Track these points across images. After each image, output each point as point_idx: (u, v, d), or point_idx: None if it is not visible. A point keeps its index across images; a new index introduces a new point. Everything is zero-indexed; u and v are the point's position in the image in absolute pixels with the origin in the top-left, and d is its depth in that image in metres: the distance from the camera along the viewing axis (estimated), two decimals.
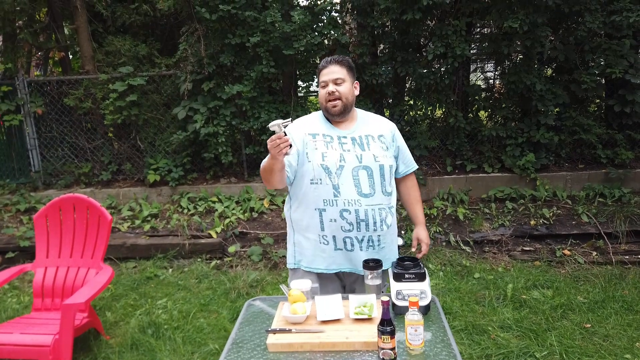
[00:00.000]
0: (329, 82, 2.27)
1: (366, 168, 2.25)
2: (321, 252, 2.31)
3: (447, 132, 6.17)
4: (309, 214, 2.29)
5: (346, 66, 2.30)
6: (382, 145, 2.33)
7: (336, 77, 2.27)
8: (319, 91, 2.34)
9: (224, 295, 4.30)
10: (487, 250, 5.02)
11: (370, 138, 2.32)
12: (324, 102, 2.30)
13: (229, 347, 1.92)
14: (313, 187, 2.25)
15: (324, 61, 2.32)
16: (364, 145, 2.29)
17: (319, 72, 2.34)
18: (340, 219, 2.23)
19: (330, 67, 2.28)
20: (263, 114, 5.78)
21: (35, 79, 6.62)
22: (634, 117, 5.82)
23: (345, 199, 2.22)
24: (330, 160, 2.23)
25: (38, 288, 3.51)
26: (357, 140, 2.30)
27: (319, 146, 2.26)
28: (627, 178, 5.67)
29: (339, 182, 2.22)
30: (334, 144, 2.27)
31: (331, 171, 2.22)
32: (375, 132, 2.35)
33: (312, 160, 2.24)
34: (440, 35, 5.60)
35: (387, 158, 2.32)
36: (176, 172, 6.05)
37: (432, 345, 1.86)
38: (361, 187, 2.23)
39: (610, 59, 5.56)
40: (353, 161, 2.24)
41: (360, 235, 2.26)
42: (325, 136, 2.29)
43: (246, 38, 5.63)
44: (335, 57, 2.32)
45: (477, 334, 3.48)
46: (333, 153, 2.24)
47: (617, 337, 3.38)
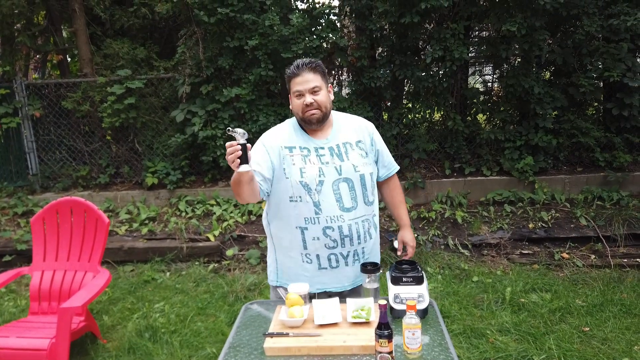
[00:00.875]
0: (305, 92, 2.13)
1: (347, 180, 2.17)
2: (304, 271, 2.24)
3: (446, 135, 6.17)
4: (290, 232, 2.21)
5: (320, 72, 2.16)
6: (361, 152, 2.24)
7: (312, 86, 2.12)
8: (293, 101, 2.18)
9: (221, 299, 4.28)
10: (486, 253, 5.01)
11: (348, 146, 2.23)
12: (301, 113, 2.16)
13: (226, 350, 1.91)
14: (293, 205, 2.16)
15: (295, 67, 2.14)
16: (343, 155, 2.19)
17: (289, 79, 2.16)
18: (324, 237, 2.17)
19: (304, 75, 2.12)
20: (261, 117, 5.78)
21: (33, 82, 6.62)
22: (632, 121, 5.83)
23: (328, 216, 2.14)
24: (309, 176, 2.13)
25: (35, 291, 3.49)
26: (334, 150, 2.20)
27: (296, 161, 2.15)
28: (625, 181, 5.67)
29: (320, 198, 2.14)
30: (311, 157, 2.17)
31: (311, 188, 2.13)
32: (353, 139, 2.26)
33: (290, 177, 2.15)
34: (439, 38, 5.61)
35: (367, 166, 2.24)
36: (174, 175, 6.04)
37: (430, 349, 1.85)
38: (343, 202, 2.16)
39: (608, 62, 5.57)
40: (332, 174, 2.16)
41: (345, 250, 2.21)
42: (302, 149, 2.18)
43: (244, 41, 5.63)
44: (307, 61, 2.15)
45: (475, 337, 3.47)
46: (311, 168, 2.15)
47: (615, 341, 3.37)
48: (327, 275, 2.25)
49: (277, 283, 2.34)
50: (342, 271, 2.25)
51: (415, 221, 5.46)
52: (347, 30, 6.64)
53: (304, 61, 2.14)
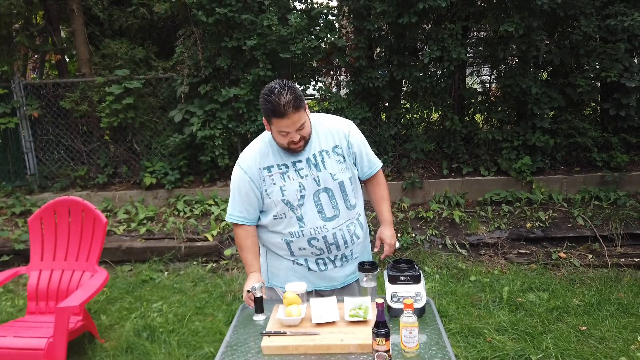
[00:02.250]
0: (292, 132, 2.02)
1: (326, 190, 2.16)
2: (294, 272, 2.27)
3: (443, 135, 6.18)
4: (277, 242, 2.25)
5: (303, 106, 2.00)
6: (338, 159, 2.19)
7: (299, 125, 2.01)
8: (275, 135, 2.07)
9: (219, 299, 4.29)
10: (483, 253, 5.02)
11: (325, 154, 2.17)
12: (285, 146, 2.08)
13: (224, 349, 1.92)
14: (277, 222, 2.19)
15: (279, 107, 1.94)
16: (319, 165, 2.15)
17: (271, 116, 1.99)
18: (309, 247, 2.20)
19: (292, 117, 1.96)
20: (260, 117, 5.78)
21: (31, 82, 6.61)
22: (629, 121, 5.85)
23: (311, 228, 2.16)
24: (289, 193, 2.13)
25: (32, 291, 3.49)
26: (311, 160, 2.16)
27: (276, 180, 2.13)
28: (622, 181, 5.68)
29: (302, 212, 2.15)
30: (290, 174, 2.14)
31: (293, 205, 2.14)
32: (329, 145, 2.19)
33: (272, 197, 2.14)
34: (437, 38, 5.62)
35: (346, 171, 2.20)
36: (172, 175, 6.04)
37: (427, 347, 1.86)
38: (325, 212, 2.17)
39: (605, 62, 5.59)
40: (312, 186, 2.15)
41: (332, 255, 2.24)
42: (279, 166, 2.14)
43: (243, 41, 5.63)
44: (290, 100, 1.95)
45: (473, 336, 3.47)
46: (291, 184, 2.13)
47: (612, 340, 3.38)
48: (316, 277, 2.28)
49: (268, 284, 2.36)
50: (330, 273, 2.28)
51: (413, 221, 5.47)
52: (345, 30, 6.65)
53: (287, 100, 1.94)
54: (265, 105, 2.00)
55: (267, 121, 2.07)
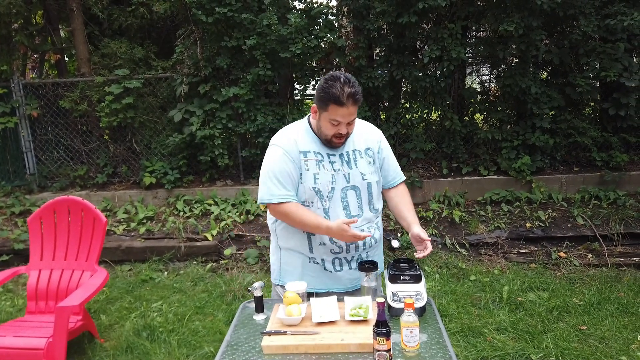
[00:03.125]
0: (343, 124, 2.07)
1: (354, 188, 2.19)
2: (308, 271, 2.26)
3: (443, 135, 6.18)
4: (297, 235, 2.23)
5: (360, 103, 2.07)
6: (369, 160, 2.24)
7: (351, 119, 2.08)
8: (325, 123, 2.09)
9: (219, 298, 4.28)
10: (483, 252, 5.02)
11: (357, 153, 2.23)
12: (330, 136, 2.12)
13: (224, 349, 1.91)
14: None
15: (340, 93, 1.98)
16: (352, 163, 2.20)
17: (328, 102, 2.02)
18: (330, 243, 2.19)
19: (349, 108, 2.02)
20: (259, 117, 5.78)
21: (30, 82, 6.61)
22: (629, 120, 5.85)
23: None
24: (322, 182, 2.14)
25: (32, 291, 3.49)
26: (344, 157, 2.20)
27: (310, 166, 2.15)
28: (622, 181, 5.69)
29: (330, 205, 2.15)
30: (324, 164, 2.16)
31: (323, 194, 2.15)
32: (362, 146, 2.25)
33: (304, 182, 2.15)
34: (436, 38, 5.62)
35: (374, 174, 2.25)
36: (172, 175, 6.04)
37: (428, 347, 1.86)
38: (350, 210, 2.18)
39: (605, 62, 5.59)
40: (342, 182, 2.17)
41: (349, 256, 2.23)
42: (316, 154, 2.17)
43: (242, 41, 5.63)
44: (353, 92, 2.00)
45: (473, 336, 3.48)
46: (325, 175, 2.15)
47: (612, 339, 3.39)
48: (330, 277, 2.26)
49: (279, 282, 2.35)
50: (345, 274, 2.26)
51: None
52: (345, 30, 6.64)
53: (351, 92, 1.99)
54: (326, 90, 2.01)
55: (320, 107, 2.08)
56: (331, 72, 2.09)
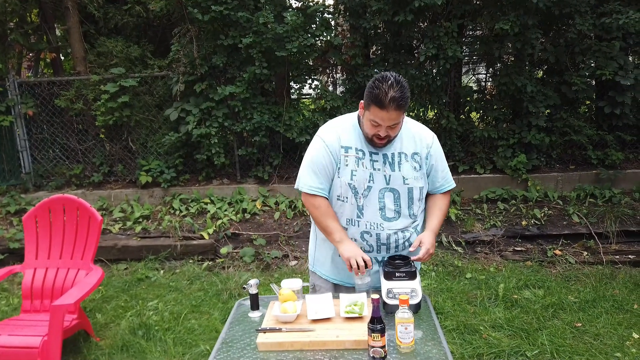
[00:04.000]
0: (383, 126, 2.02)
1: (393, 190, 2.15)
2: (340, 263, 2.25)
3: (439, 133, 6.18)
4: None
5: (404, 108, 2.00)
6: (415, 165, 2.17)
7: (392, 124, 2.02)
8: (366, 122, 2.07)
9: (215, 297, 4.28)
10: (479, 250, 5.03)
11: (403, 156, 2.16)
12: (370, 136, 2.09)
13: (219, 346, 1.92)
14: (339, 204, 2.18)
15: (384, 97, 1.93)
16: (395, 165, 2.15)
17: (371, 101, 1.98)
18: (361, 240, 2.18)
19: (390, 113, 1.96)
20: (256, 115, 5.77)
21: (26, 80, 6.58)
22: (624, 119, 5.87)
23: (368, 221, 2.15)
24: (358, 179, 2.13)
25: (27, 289, 3.47)
26: (388, 158, 2.15)
27: (349, 162, 2.14)
28: (617, 179, 5.70)
29: (364, 203, 2.14)
30: (364, 161, 2.14)
31: (358, 191, 2.14)
32: (409, 150, 2.18)
33: (341, 177, 2.15)
34: (432, 36, 5.63)
35: (419, 180, 2.18)
36: (168, 174, 6.03)
37: (423, 343, 1.86)
38: (385, 211, 2.15)
39: (600, 60, 5.61)
40: (381, 182, 2.14)
41: (379, 256, 2.21)
42: (357, 151, 2.15)
43: (239, 39, 5.62)
44: (397, 97, 1.93)
45: (468, 333, 3.48)
46: (363, 172, 2.13)
47: (607, 336, 3.40)
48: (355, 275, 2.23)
49: (313, 269, 2.41)
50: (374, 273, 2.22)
51: None
52: (341, 28, 6.65)
53: (395, 96, 1.93)
54: (372, 90, 1.98)
55: (365, 105, 2.07)
56: (383, 72, 2.02)
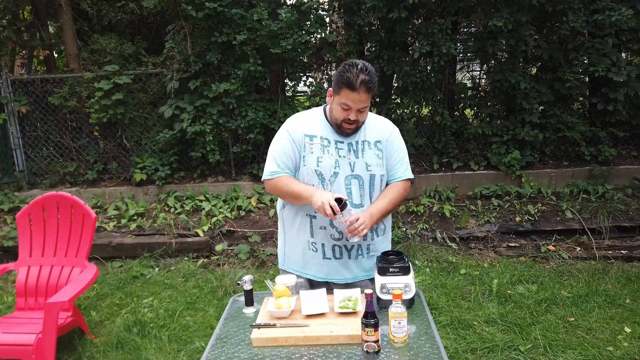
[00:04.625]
0: (353, 109, 2.09)
1: (357, 177, 2.19)
2: (310, 258, 2.28)
3: (434, 130, 6.21)
4: (299, 218, 2.26)
5: (373, 92, 2.10)
6: (377, 153, 2.24)
7: (362, 107, 2.09)
8: (336, 107, 2.13)
9: (210, 294, 4.28)
10: (473, 246, 5.06)
11: (366, 144, 2.23)
12: (340, 121, 2.14)
13: (213, 342, 1.92)
14: None
15: (354, 79, 2.02)
16: (359, 152, 2.21)
17: (342, 85, 2.06)
18: (330, 227, 2.20)
19: (360, 94, 2.04)
20: (250, 112, 5.77)
21: (19, 78, 6.54)
22: (617, 115, 5.90)
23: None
24: (324, 166, 2.16)
25: (21, 287, 3.46)
26: (353, 146, 2.21)
27: (315, 150, 2.18)
28: (610, 175, 5.74)
29: (332, 190, 2.16)
30: (330, 149, 2.19)
31: (325, 178, 2.16)
32: (373, 138, 2.25)
33: (307, 164, 2.18)
34: (426, 33, 5.63)
35: (380, 167, 2.24)
36: (163, 171, 6.01)
37: (416, 337, 1.87)
38: (352, 197, 2.18)
39: (593, 57, 5.64)
40: (346, 169, 2.18)
41: (349, 244, 2.23)
42: (322, 139, 2.20)
43: (233, 36, 5.61)
44: (367, 79, 2.03)
45: (462, 328, 3.51)
46: (328, 159, 2.17)
47: (600, 330, 3.43)
48: (330, 266, 2.27)
49: (284, 267, 2.40)
50: (345, 263, 2.27)
51: (404, 215, 5.50)
52: (335, 25, 6.65)
53: (365, 79, 2.03)
54: (342, 74, 2.07)
55: (334, 90, 2.14)
56: (351, 60, 2.12)
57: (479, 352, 3.21)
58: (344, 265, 2.27)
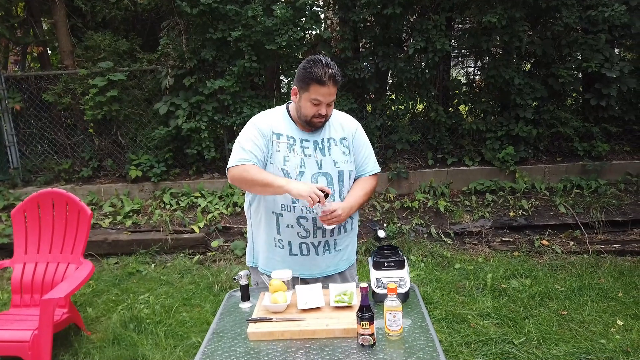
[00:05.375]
0: (323, 104, 2.12)
1: (325, 174, 2.21)
2: (275, 255, 2.29)
3: (428, 126, 6.23)
4: (266, 216, 2.26)
5: (339, 85, 2.16)
6: (343, 150, 2.27)
7: (332, 100, 2.13)
8: (305, 104, 2.14)
9: (206, 289, 4.30)
10: (468, 241, 5.09)
11: (332, 141, 2.26)
12: (309, 118, 2.16)
13: (210, 336, 1.93)
14: None
15: (322, 73, 2.06)
16: (325, 150, 2.23)
17: (310, 82, 2.08)
18: (297, 226, 2.21)
19: (329, 88, 2.09)
20: (245, 109, 5.77)
21: (12, 75, 6.50)
22: (610, 111, 5.95)
23: (303, 206, 2.17)
24: (290, 165, 2.17)
25: (17, 284, 3.46)
26: (318, 144, 2.23)
27: (281, 148, 2.19)
28: (603, 170, 5.79)
29: None
30: (295, 148, 2.20)
31: (291, 176, 2.16)
32: (338, 135, 2.28)
33: (274, 163, 2.19)
34: (421, 29, 5.65)
35: (348, 163, 2.26)
36: (158, 168, 6.01)
37: (411, 330, 1.89)
38: None
39: (587, 53, 5.67)
40: (313, 167, 2.20)
41: (316, 241, 2.24)
42: (288, 137, 2.21)
43: (228, 32, 5.60)
44: (334, 73, 2.08)
45: (457, 322, 3.54)
46: (294, 158, 2.19)
47: (592, 323, 3.47)
48: (297, 262, 2.28)
49: (252, 264, 2.40)
50: (312, 260, 2.28)
51: (399, 211, 5.52)
52: (330, 22, 6.65)
53: (333, 72, 2.07)
54: (308, 70, 2.08)
55: (301, 87, 2.14)
56: (311, 56, 2.14)
57: (473, 345, 3.24)
58: (311, 261, 2.28)
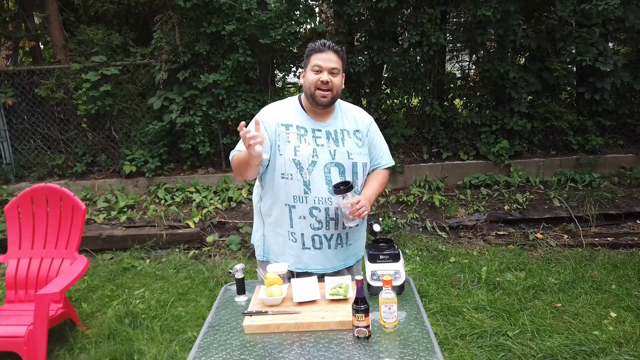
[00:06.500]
0: (324, 69, 2.12)
1: (338, 165, 2.19)
2: (289, 249, 2.27)
3: (423, 120, 6.23)
4: (278, 209, 2.23)
5: (342, 58, 2.17)
6: (357, 142, 2.25)
7: (333, 67, 2.13)
8: (308, 74, 2.16)
9: (202, 284, 4.29)
10: (463, 235, 5.11)
11: (345, 133, 2.24)
12: (313, 88, 2.14)
13: (205, 330, 1.93)
14: (284, 182, 2.17)
15: (320, 44, 2.14)
16: (339, 141, 2.22)
17: (310, 53, 2.16)
18: (310, 217, 2.19)
19: (329, 54, 2.12)
20: (240, 103, 5.75)
21: (4, 69, 6.45)
22: (604, 104, 5.97)
23: (316, 197, 2.16)
24: (302, 155, 2.15)
25: (11, 280, 3.44)
26: (331, 134, 2.22)
27: (291, 139, 2.17)
28: (597, 163, 5.82)
29: (310, 178, 2.15)
30: (307, 138, 2.18)
31: (303, 167, 2.15)
32: (351, 127, 2.27)
33: (283, 154, 2.16)
34: (416, 23, 5.64)
35: (362, 155, 2.25)
36: (153, 163, 5.99)
37: (406, 322, 1.90)
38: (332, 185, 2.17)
39: (581, 47, 5.68)
40: (326, 157, 2.17)
41: (329, 233, 2.23)
42: (299, 128, 2.19)
43: (222, 26, 5.57)
44: (332, 44, 2.15)
45: (452, 315, 3.55)
46: (306, 147, 2.16)
47: (586, 315, 3.50)
48: (310, 256, 2.26)
49: (264, 258, 2.38)
50: (324, 253, 2.26)
51: (394, 205, 5.53)
52: (325, 15, 6.62)
53: (331, 44, 2.15)
54: (309, 46, 2.19)
55: (305, 64, 2.20)
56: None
57: (468, 337, 3.26)
58: (324, 255, 2.26)
